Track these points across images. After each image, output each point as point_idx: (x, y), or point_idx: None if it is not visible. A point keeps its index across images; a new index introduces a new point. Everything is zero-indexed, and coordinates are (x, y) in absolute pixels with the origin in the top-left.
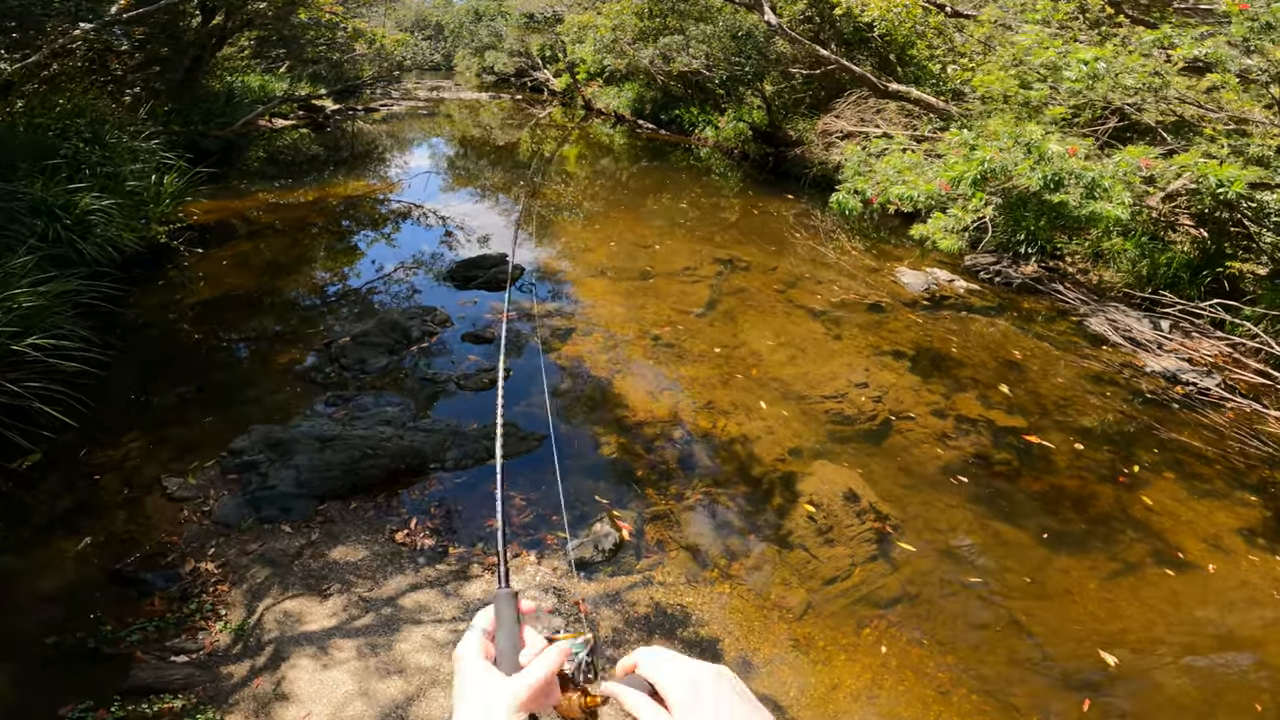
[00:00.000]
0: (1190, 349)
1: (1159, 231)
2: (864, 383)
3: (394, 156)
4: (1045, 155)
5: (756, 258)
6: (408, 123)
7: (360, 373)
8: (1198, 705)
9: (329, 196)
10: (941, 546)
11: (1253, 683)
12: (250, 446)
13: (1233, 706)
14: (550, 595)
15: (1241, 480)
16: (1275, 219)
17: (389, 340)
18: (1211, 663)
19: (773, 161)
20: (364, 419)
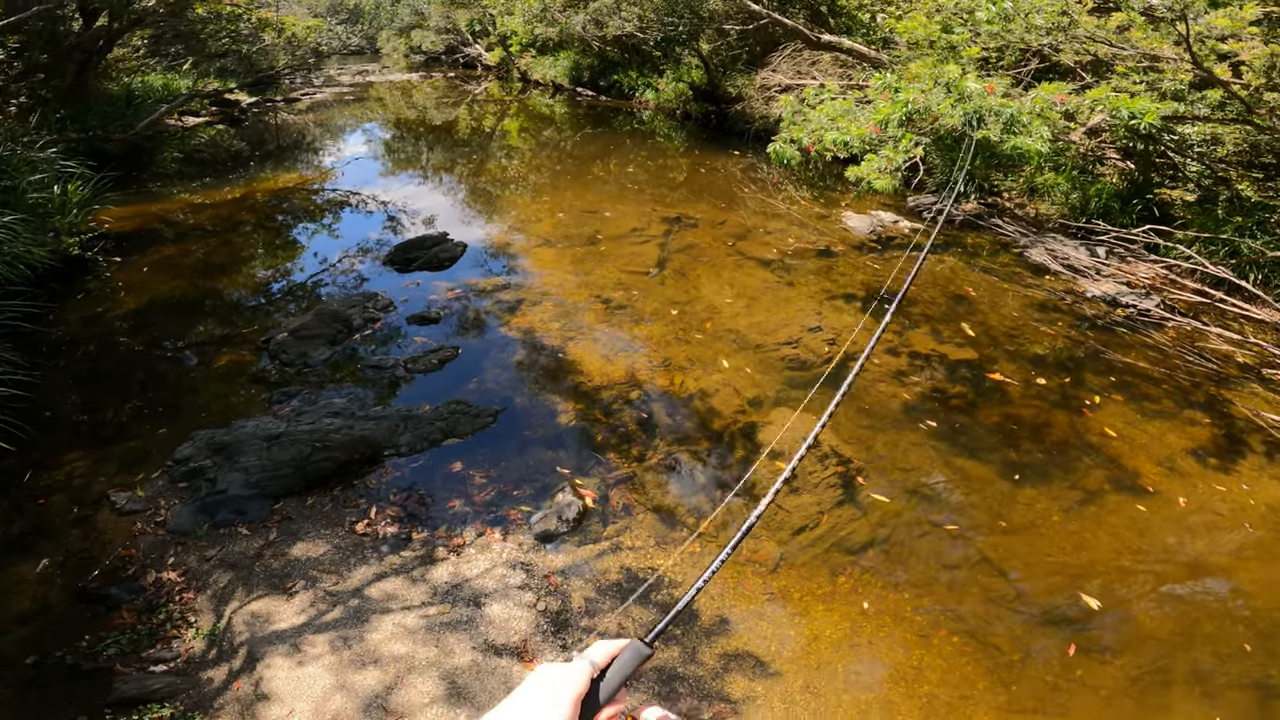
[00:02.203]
0: (1128, 273)
1: (1088, 165)
2: (817, 327)
3: (325, 145)
4: (964, 94)
5: (705, 214)
6: (336, 110)
7: (303, 367)
8: (1175, 638)
9: (257, 192)
10: (907, 486)
11: (1228, 611)
12: (195, 453)
13: (1210, 637)
14: (518, 571)
15: (1189, 399)
16: (1198, 150)
17: (330, 331)
18: (1184, 592)
19: (715, 119)
20: (310, 413)
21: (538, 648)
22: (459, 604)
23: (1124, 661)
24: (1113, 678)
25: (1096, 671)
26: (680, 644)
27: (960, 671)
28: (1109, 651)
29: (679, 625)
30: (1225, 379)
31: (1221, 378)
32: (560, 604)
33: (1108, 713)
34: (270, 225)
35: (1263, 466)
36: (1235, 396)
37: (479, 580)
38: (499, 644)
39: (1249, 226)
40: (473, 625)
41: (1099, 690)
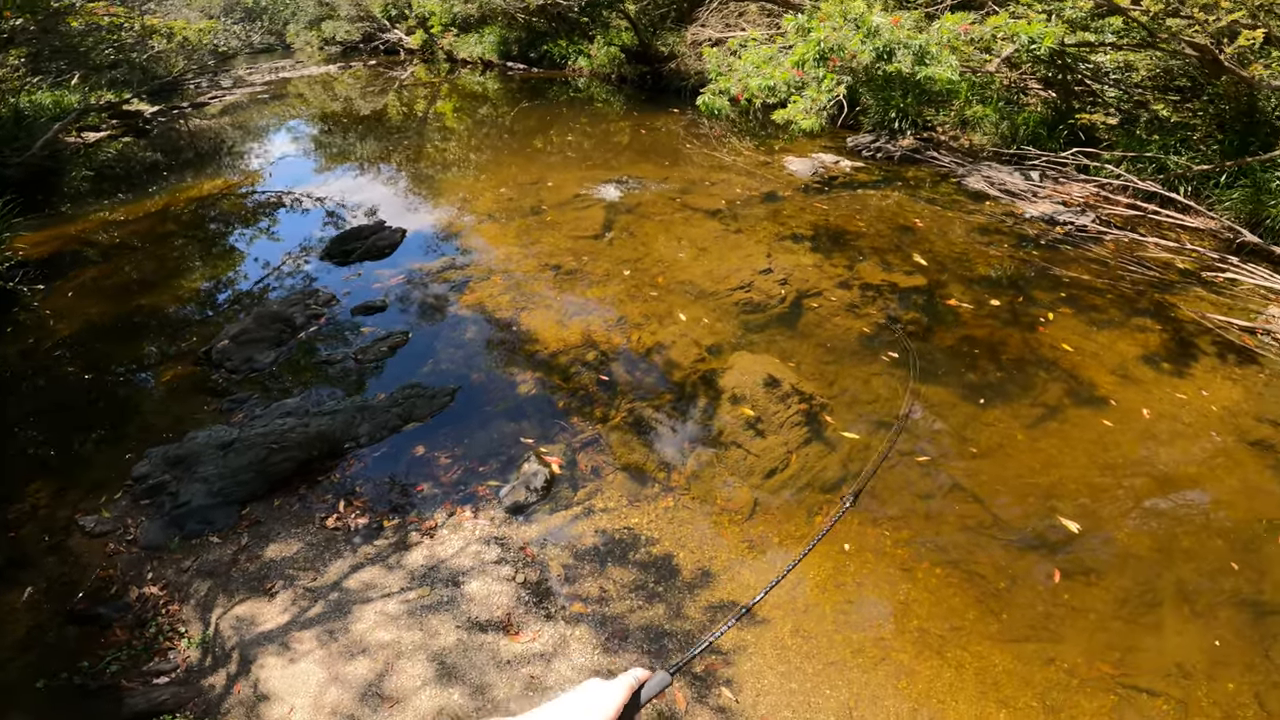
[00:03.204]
0: (1062, 193)
1: (1013, 96)
2: (768, 269)
3: (247, 147)
4: (873, 29)
5: (650, 172)
6: (253, 111)
7: (250, 372)
8: (1156, 556)
9: (180, 202)
10: (871, 418)
11: (1206, 524)
12: (152, 470)
13: (1191, 553)
14: (493, 546)
15: (1135, 307)
16: (1114, 77)
17: (272, 333)
18: (1160, 507)
19: (651, 80)
20: (263, 417)
21: (521, 620)
22: (438, 585)
23: (1109, 583)
24: (1101, 600)
25: (1084, 595)
26: (664, 601)
27: (948, 603)
28: (1093, 574)
29: (660, 583)
30: (1168, 285)
31: (1164, 284)
32: (539, 574)
33: (1100, 636)
34: (199, 234)
35: (1215, 368)
36: (1180, 301)
37: (455, 560)
38: (482, 620)
39: (1172, 144)
40: (454, 605)
41: (1088, 614)
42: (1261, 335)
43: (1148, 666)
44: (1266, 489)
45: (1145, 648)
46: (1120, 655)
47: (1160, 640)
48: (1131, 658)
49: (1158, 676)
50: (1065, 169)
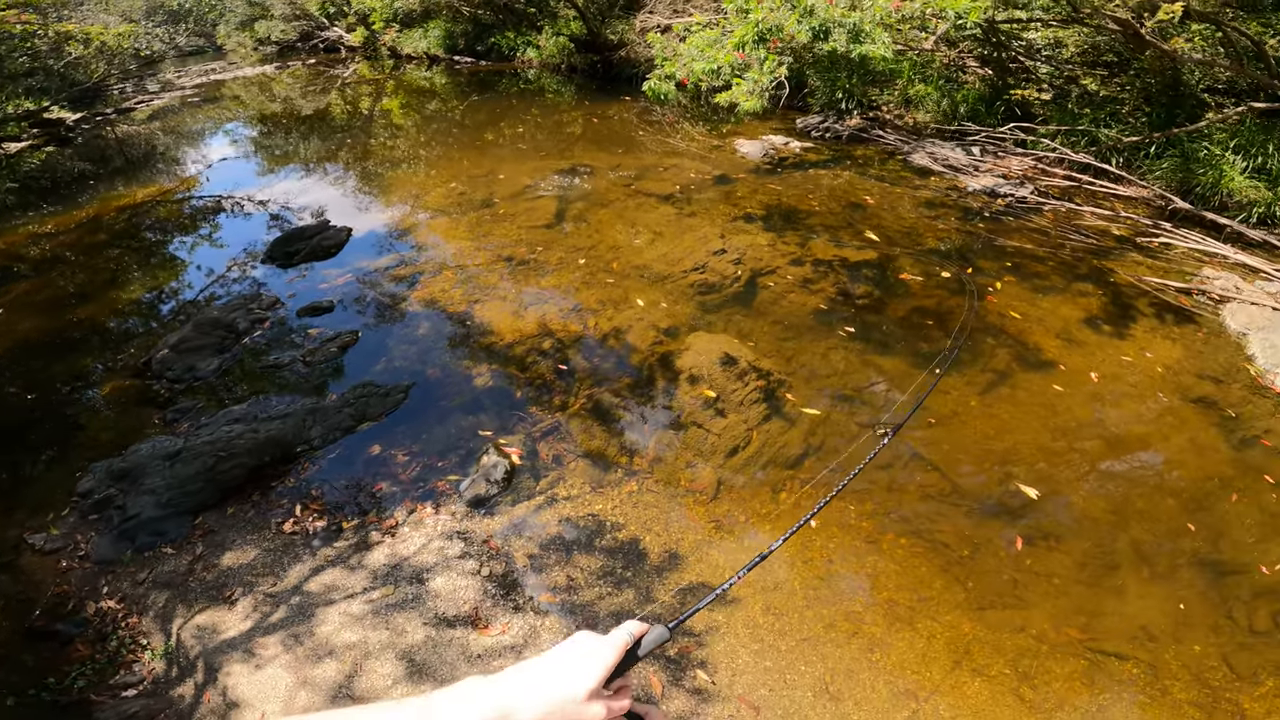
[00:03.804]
0: (1002, 167)
1: (952, 74)
2: (722, 250)
3: (182, 152)
4: (808, 8)
5: (602, 160)
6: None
7: (193, 380)
8: (1111, 518)
9: (112, 211)
10: (829, 391)
11: (1157, 484)
12: (97, 485)
13: (1144, 514)
14: (456, 541)
15: (1075, 273)
16: (1045, 53)
17: (214, 340)
18: (1113, 469)
19: (601, 68)
20: (209, 425)
21: (490, 613)
22: (402, 584)
23: (1069, 548)
24: (1062, 565)
25: (1046, 560)
26: (633, 586)
27: (915, 573)
28: (1053, 538)
29: (629, 568)
30: (1105, 251)
31: (1102, 250)
32: (504, 566)
33: (1065, 601)
34: (134, 243)
35: (1155, 328)
36: (1117, 266)
37: (418, 557)
38: (450, 616)
39: (1103, 118)
40: (420, 602)
41: (1052, 579)
42: (1197, 295)
43: (1114, 630)
44: (1213, 446)
45: (1110, 611)
46: (1086, 620)
47: (1123, 604)
48: (1098, 622)
49: (1125, 640)
50: (1004, 143)
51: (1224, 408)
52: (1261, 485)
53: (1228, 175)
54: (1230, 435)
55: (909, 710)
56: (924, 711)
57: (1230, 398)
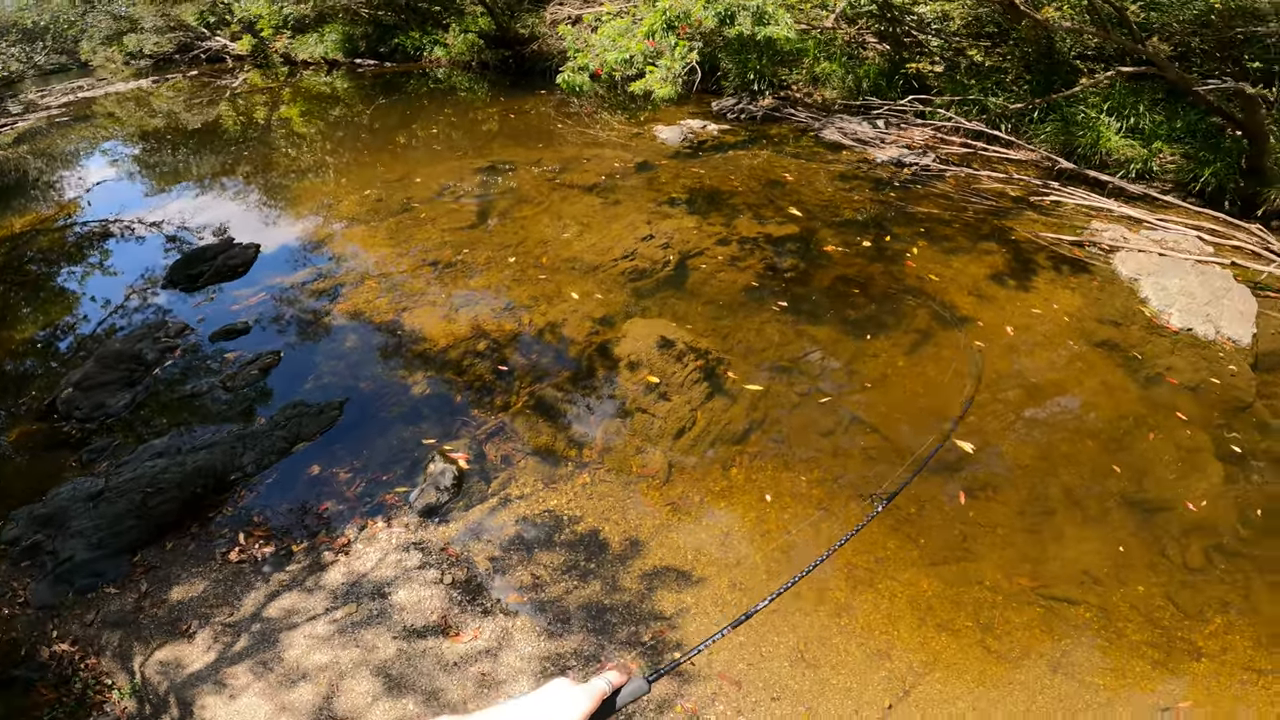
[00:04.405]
0: (905, 138)
1: (854, 51)
2: (650, 235)
3: (57, 175)
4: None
5: (523, 156)
6: (58, 135)
7: (104, 417)
8: (1040, 464)
9: None
10: (767, 364)
11: (1077, 428)
12: (22, 532)
13: (1069, 457)
14: (413, 552)
15: (979, 233)
16: (934, 26)
17: (120, 374)
18: (1037, 417)
19: (514, 63)
20: (130, 461)
21: (459, 620)
22: (364, 600)
23: (1007, 497)
24: (1003, 515)
25: (988, 511)
26: (598, 576)
27: (869, 536)
28: (990, 489)
29: (592, 559)
30: (1004, 211)
31: (1000, 211)
32: (466, 572)
33: (1011, 551)
34: (17, 277)
35: (1055, 280)
36: (1015, 224)
37: (376, 572)
38: (419, 627)
39: (989, 87)
40: (386, 617)
41: (996, 529)
42: (1089, 247)
43: (1061, 576)
44: (1122, 386)
45: (1053, 557)
46: (1033, 567)
47: (1064, 549)
48: (1044, 569)
49: (1072, 585)
50: (905, 115)
51: (1127, 349)
52: (1174, 422)
53: (1105, 136)
54: (1136, 375)
55: (884, 670)
56: (898, 670)
57: (1131, 339)
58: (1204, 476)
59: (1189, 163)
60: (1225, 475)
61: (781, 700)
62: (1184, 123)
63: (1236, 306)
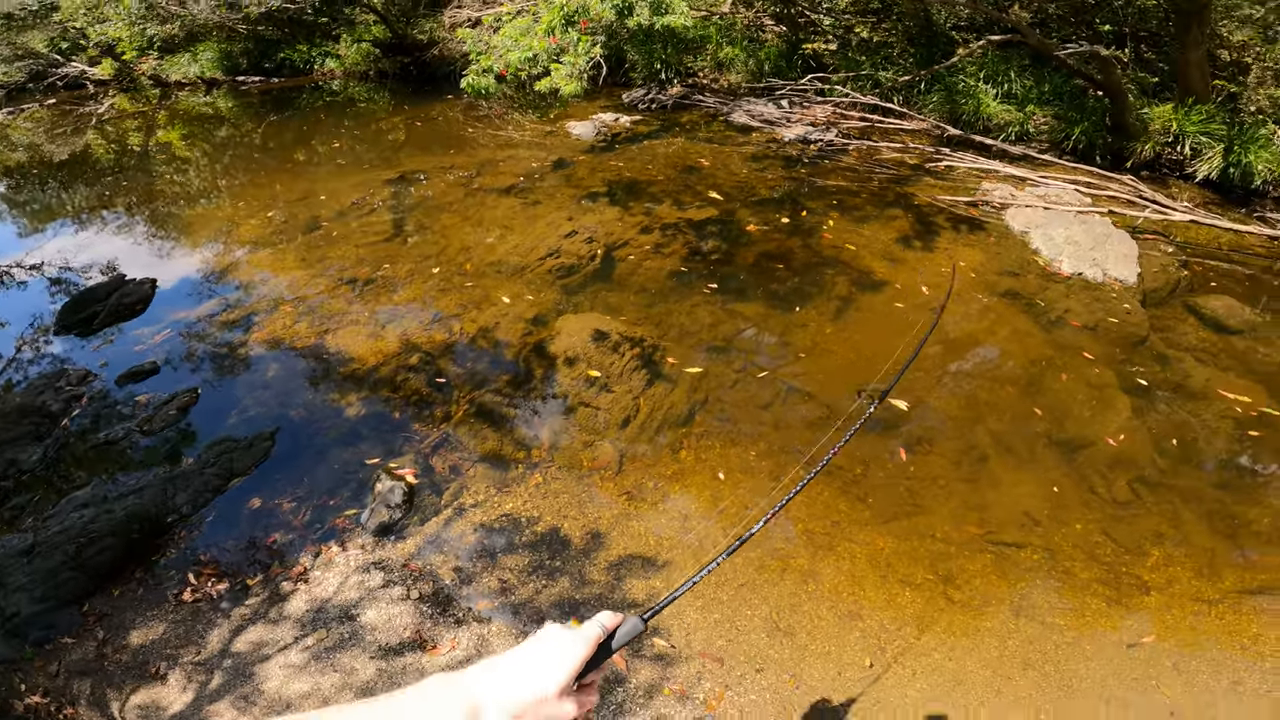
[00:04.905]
0: (809, 116)
1: (754, 35)
2: (573, 232)
3: None
4: None
5: (434, 163)
6: None
7: (18, 475)
8: (966, 413)
9: None
10: (703, 346)
11: (994, 376)
12: None
13: (991, 404)
14: (375, 572)
15: (884, 200)
16: (825, 6)
17: (26, 428)
18: (960, 369)
19: (415, 70)
20: (56, 515)
21: (433, 633)
22: (333, 625)
23: (943, 449)
24: (941, 466)
25: (927, 465)
26: (565, 572)
27: (821, 501)
28: (926, 443)
29: (556, 557)
30: (904, 179)
31: (901, 178)
32: (432, 585)
33: (955, 501)
34: None
35: (956, 238)
36: (915, 190)
37: (340, 596)
38: (395, 644)
39: (879, 61)
40: (358, 639)
41: (937, 481)
42: (982, 206)
43: (1004, 520)
44: (1029, 332)
45: (994, 503)
46: (978, 515)
47: (1002, 494)
48: (988, 515)
49: (1015, 529)
50: (806, 94)
51: (1028, 297)
52: (1082, 361)
53: (984, 102)
54: (1041, 320)
55: (858, 630)
56: (871, 629)
57: (1030, 287)
58: (1116, 411)
59: (1060, 123)
60: (1135, 408)
61: (765, 671)
62: (1051, 86)
63: (1119, 250)
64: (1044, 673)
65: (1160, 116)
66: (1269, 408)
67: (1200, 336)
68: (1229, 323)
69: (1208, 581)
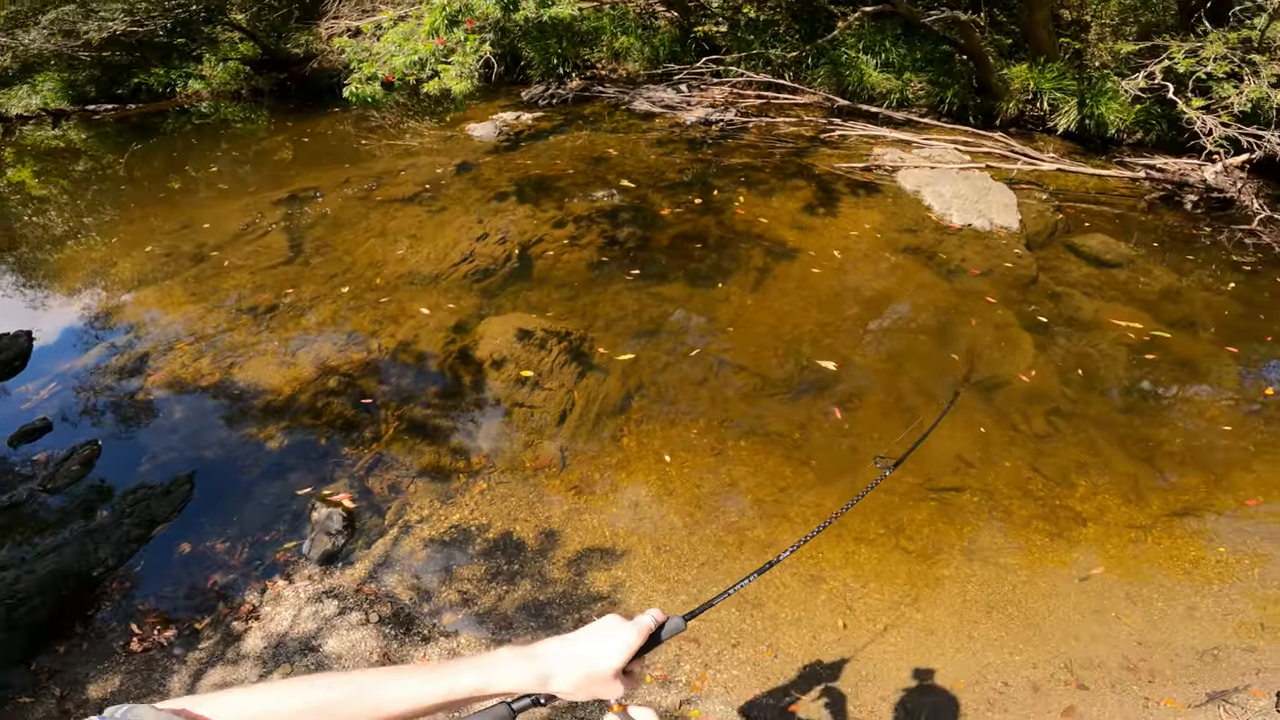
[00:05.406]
0: (708, 98)
1: (647, 22)
2: (484, 234)
3: None
4: None
5: (329, 178)
6: None
7: None
8: (888, 366)
9: None
10: (630, 332)
11: (907, 328)
12: None
13: (907, 353)
14: (329, 601)
15: (786, 173)
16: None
17: None
18: (878, 326)
19: (294, 85)
20: None
21: (401, 654)
22: (296, 658)
23: (872, 402)
24: (874, 420)
25: (860, 420)
26: (525, 575)
27: (766, 469)
28: (856, 399)
29: (513, 561)
30: (802, 151)
31: (800, 150)
32: (391, 606)
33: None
34: None
35: (857, 203)
36: (814, 160)
37: (297, 629)
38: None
39: (767, 39)
40: (325, 669)
41: (872, 434)
42: (875, 170)
43: (941, 467)
44: (932, 283)
45: (928, 453)
46: (915, 464)
47: (934, 440)
48: (925, 465)
49: (951, 474)
50: (703, 77)
51: (928, 251)
52: (985, 305)
53: (866, 73)
54: (941, 270)
55: (824, 593)
56: (836, 590)
57: (928, 241)
58: (1023, 350)
59: (934, 88)
60: (1038, 344)
61: (742, 645)
62: (922, 54)
63: (1000, 200)
64: (1008, 615)
65: (1018, 76)
66: (1159, 330)
67: (1084, 272)
68: (1106, 257)
69: (1136, 508)
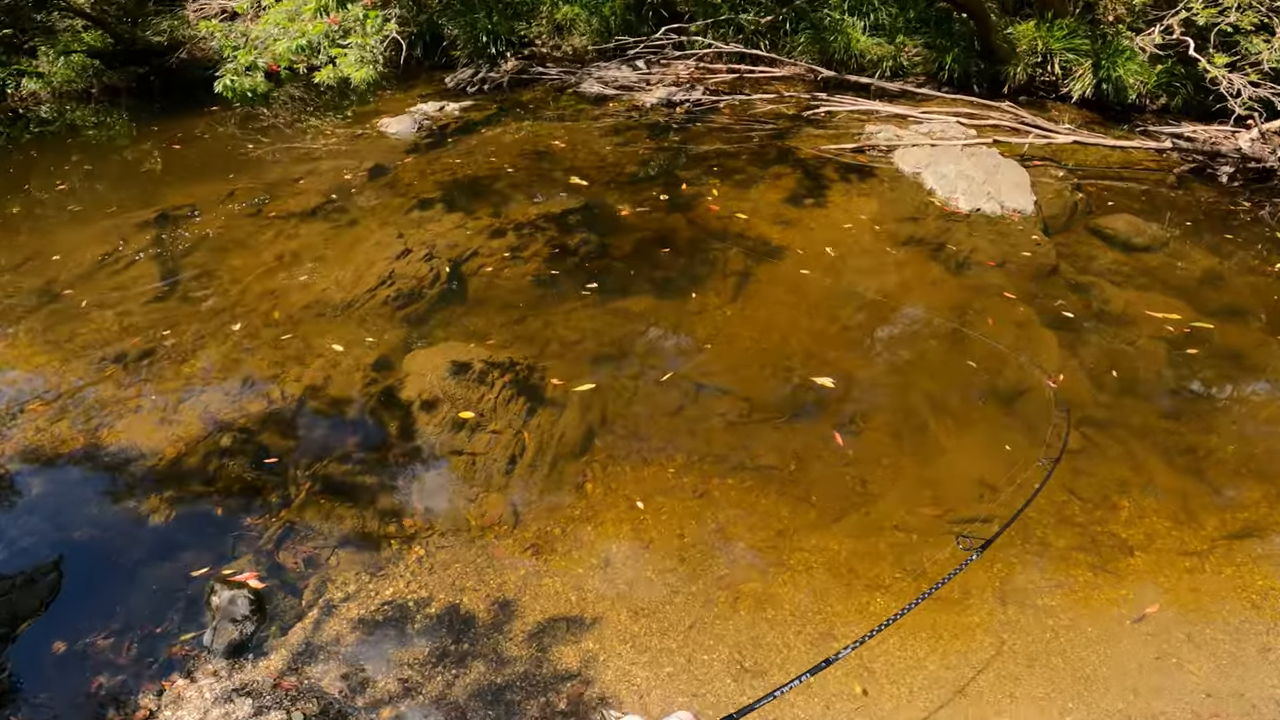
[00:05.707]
0: (670, 75)
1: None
2: (406, 250)
3: None
4: None
5: (208, 192)
6: None
7: None
8: (897, 379)
9: None
10: (588, 357)
11: (916, 333)
12: None
13: (918, 364)
14: (242, 700)
15: (766, 159)
16: None
17: None
18: (883, 335)
19: (158, 80)
20: None
21: None
22: None
23: (877, 422)
24: (880, 444)
25: (867, 445)
26: (478, 655)
27: (758, 510)
28: (860, 420)
29: (462, 639)
30: (784, 132)
31: (780, 132)
32: (318, 702)
33: (903, 481)
34: None
35: (848, 189)
36: (798, 143)
37: None
38: None
39: (737, 3)
40: None
41: (880, 462)
42: (869, 151)
43: (960, 495)
44: (940, 279)
45: (945, 476)
46: (932, 492)
47: (952, 463)
48: (942, 493)
49: (974, 502)
50: (664, 50)
51: (933, 241)
52: (1003, 301)
53: (854, 38)
54: (950, 263)
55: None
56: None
57: (933, 231)
58: (1048, 349)
59: (932, 52)
60: (1063, 343)
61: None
62: (916, 12)
63: (1012, 179)
64: (1053, 667)
65: (1025, 35)
66: (1200, 321)
67: (1111, 258)
68: (1135, 241)
69: (1189, 530)
